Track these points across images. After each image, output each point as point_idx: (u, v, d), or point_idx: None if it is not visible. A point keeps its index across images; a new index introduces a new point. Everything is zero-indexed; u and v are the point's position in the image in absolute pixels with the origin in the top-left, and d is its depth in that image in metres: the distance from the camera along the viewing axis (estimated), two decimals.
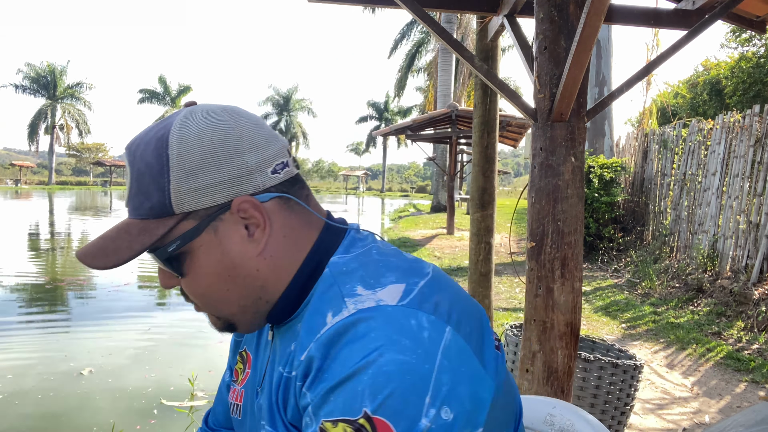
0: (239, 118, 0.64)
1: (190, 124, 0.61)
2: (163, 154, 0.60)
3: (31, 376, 3.73)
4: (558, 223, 1.81)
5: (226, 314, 0.67)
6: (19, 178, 49.92)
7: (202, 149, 0.60)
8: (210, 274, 0.63)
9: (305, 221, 0.67)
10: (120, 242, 0.61)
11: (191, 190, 0.60)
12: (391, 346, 0.52)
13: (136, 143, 0.63)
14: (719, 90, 13.29)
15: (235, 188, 0.61)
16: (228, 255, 0.63)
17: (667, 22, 2.65)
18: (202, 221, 0.61)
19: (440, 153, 18.50)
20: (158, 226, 0.61)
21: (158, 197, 0.60)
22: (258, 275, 0.64)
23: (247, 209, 0.61)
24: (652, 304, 5.53)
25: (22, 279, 7.00)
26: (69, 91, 47.32)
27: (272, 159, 0.64)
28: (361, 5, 2.91)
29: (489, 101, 3.37)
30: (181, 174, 0.60)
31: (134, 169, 0.62)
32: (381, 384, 0.50)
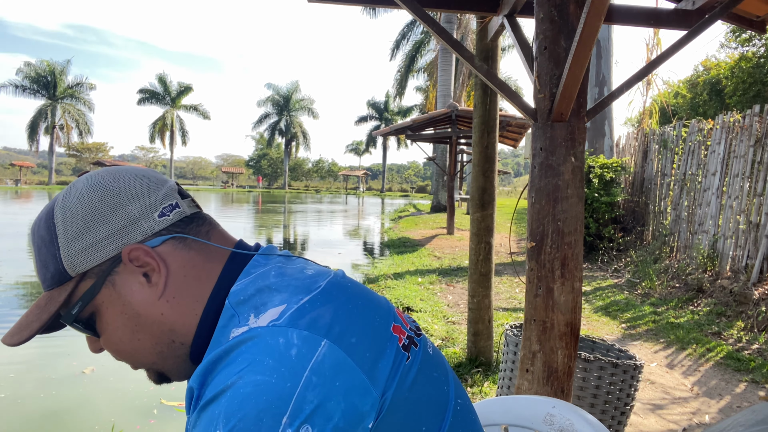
0: (119, 175, 0.67)
1: (73, 191, 0.65)
2: (50, 224, 0.64)
3: (34, 375, 3.74)
4: (558, 223, 1.81)
5: (148, 364, 0.68)
6: (19, 178, 49.94)
7: (83, 210, 0.63)
8: (118, 328, 0.65)
9: (207, 256, 0.67)
10: (32, 316, 0.64)
11: (79, 251, 0.62)
12: (251, 368, 0.52)
13: (34, 223, 0.67)
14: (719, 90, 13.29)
15: (122, 239, 0.63)
16: (130, 305, 0.64)
17: (667, 22, 2.65)
18: (98, 278, 0.63)
19: (440, 153, 18.50)
20: (60, 293, 0.63)
21: (54, 265, 0.63)
22: (164, 319, 0.64)
23: (138, 256, 0.63)
24: (652, 304, 5.53)
25: (24, 279, 7.00)
26: (69, 91, 47.30)
27: (157, 204, 0.66)
28: (361, 5, 2.91)
29: (489, 101, 3.37)
30: (67, 238, 0.63)
31: (35, 247, 0.65)
32: (235, 407, 0.50)
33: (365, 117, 56.77)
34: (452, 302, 5.60)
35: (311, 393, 0.52)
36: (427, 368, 0.65)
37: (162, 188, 0.68)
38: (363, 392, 0.55)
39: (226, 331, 0.60)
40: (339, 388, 0.54)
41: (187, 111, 53.67)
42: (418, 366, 0.64)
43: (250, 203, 30.24)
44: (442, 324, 4.68)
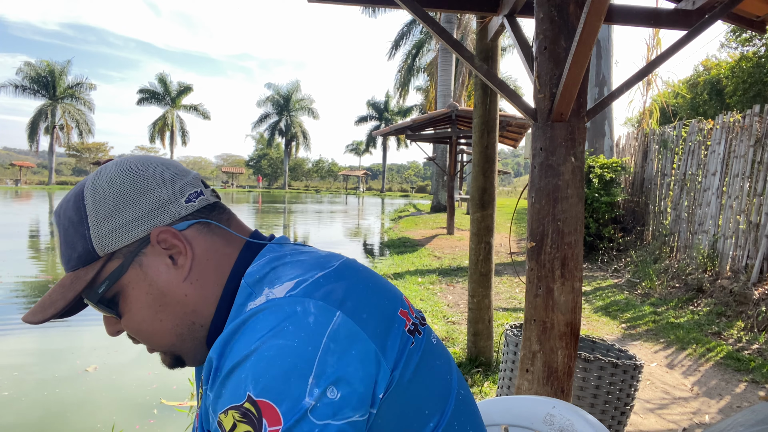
0: (148, 162, 0.70)
1: (102, 175, 0.67)
2: (80, 205, 0.66)
3: (37, 373, 3.76)
4: (558, 223, 1.81)
5: (167, 346, 0.69)
6: (19, 178, 49.95)
7: (114, 192, 0.65)
8: (142, 308, 0.66)
9: (227, 242, 0.70)
10: (55, 295, 0.65)
11: (109, 231, 0.65)
12: (274, 333, 0.55)
13: (60, 206, 0.69)
14: (719, 90, 13.29)
15: (151, 221, 0.66)
16: (155, 285, 0.66)
17: (667, 22, 2.65)
18: (126, 258, 0.65)
19: (440, 153, 18.50)
20: (87, 272, 0.65)
21: (83, 245, 0.65)
22: (187, 300, 0.67)
23: (166, 239, 0.66)
24: (652, 304, 5.53)
25: (26, 279, 7.00)
26: (69, 91, 47.28)
27: (184, 190, 0.69)
28: (361, 5, 2.91)
29: (489, 101, 3.37)
30: (97, 219, 0.65)
31: (60, 228, 0.67)
32: (261, 369, 0.53)
33: (365, 117, 56.76)
34: (452, 302, 5.60)
35: (331, 358, 0.54)
36: (430, 356, 0.67)
37: (187, 176, 0.71)
38: (377, 362, 0.58)
39: (243, 308, 0.62)
40: (355, 356, 0.56)
41: (187, 111, 53.65)
42: (422, 352, 0.65)
43: (250, 203, 30.24)
44: (442, 324, 4.68)
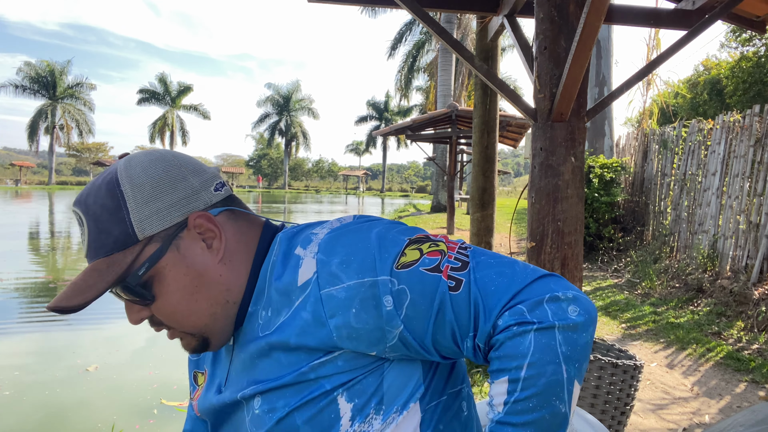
0: (175, 153, 0.74)
1: (134, 163, 0.70)
2: (116, 192, 0.67)
3: (38, 373, 3.76)
4: (558, 223, 1.81)
5: (199, 327, 0.72)
6: (19, 178, 49.93)
7: (150, 179, 0.68)
8: (179, 289, 0.69)
9: (249, 225, 0.76)
10: (91, 280, 0.65)
11: (149, 215, 0.67)
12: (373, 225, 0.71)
13: (85, 194, 0.69)
14: (719, 90, 13.29)
15: (187, 206, 0.69)
16: (193, 267, 0.69)
17: (667, 22, 2.65)
18: (164, 241, 0.68)
19: (440, 153, 18.49)
20: (125, 256, 0.67)
21: (120, 229, 0.66)
22: (222, 279, 0.71)
23: (202, 223, 0.70)
24: (652, 304, 5.53)
25: (30, 278, 7.00)
26: (69, 91, 47.27)
27: (212, 180, 0.74)
28: (361, 5, 2.91)
29: (489, 101, 3.37)
30: (137, 203, 0.67)
31: (90, 215, 0.68)
32: (394, 229, 0.70)
33: (365, 117, 56.74)
34: None
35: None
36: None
37: (210, 169, 0.76)
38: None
39: (286, 253, 0.71)
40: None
41: (187, 111, 53.64)
42: None
43: (250, 203, 30.25)
44: None
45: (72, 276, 7.24)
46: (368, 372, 0.67)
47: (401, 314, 0.63)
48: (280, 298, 0.69)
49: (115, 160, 0.74)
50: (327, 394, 0.65)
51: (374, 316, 0.63)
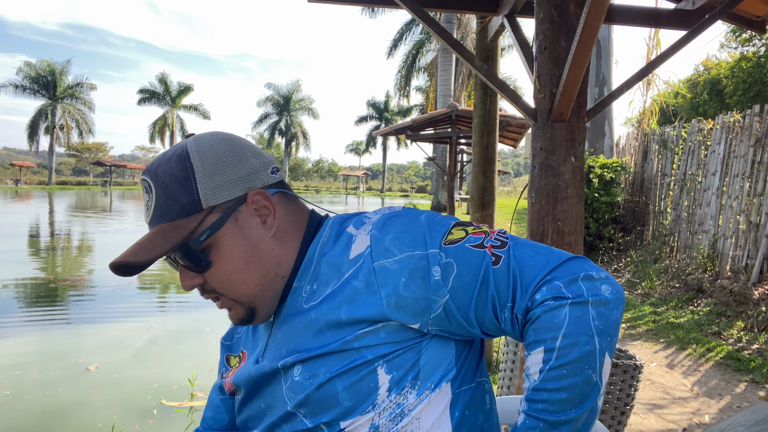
0: (237, 136, 0.80)
1: (202, 140, 0.76)
2: (186, 163, 0.73)
3: (38, 372, 3.77)
4: (558, 223, 1.81)
5: (249, 296, 0.77)
6: (19, 178, 49.92)
7: (217, 155, 0.74)
8: (234, 258, 0.74)
9: (298, 208, 0.83)
10: (157, 240, 0.70)
11: (215, 186, 0.73)
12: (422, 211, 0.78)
13: (156, 164, 0.75)
14: (719, 90, 13.29)
15: (247, 183, 0.76)
16: (248, 239, 0.75)
17: (667, 22, 2.64)
18: (224, 213, 0.73)
19: (440, 153, 18.49)
20: (189, 222, 0.72)
21: (188, 197, 0.72)
22: (273, 254, 0.77)
23: (259, 200, 0.76)
24: (652, 304, 5.53)
25: (33, 278, 7.01)
26: (69, 91, 47.25)
27: (269, 163, 0.80)
28: (361, 5, 2.91)
29: (489, 101, 3.37)
30: (205, 175, 0.73)
31: (159, 183, 0.73)
32: (439, 214, 0.77)
33: (365, 117, 56.72)
34: None
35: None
36: None
37: (267, 154, 0.81)
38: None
39: (338, 230, 0.78)
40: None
41: (188, 111, 53.61)
42: None
43: None
44: None
45: (71, 276, 7.24)
46: (408, 347, 0.71)
47: (448, 285, 0.68)
48: (329, 271, 0.74)
49: (114, 161, 0.75)
50: (368, 363, 0.69)
51: (422, 286, 0.68)
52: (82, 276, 7.35)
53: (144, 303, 6.03)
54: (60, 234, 12.75)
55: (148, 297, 6.36)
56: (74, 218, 17.22)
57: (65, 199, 28.87)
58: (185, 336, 4.80)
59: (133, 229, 14.27)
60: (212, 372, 3.78)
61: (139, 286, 6.83)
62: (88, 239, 11.98)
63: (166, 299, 6.30)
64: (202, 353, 4.31)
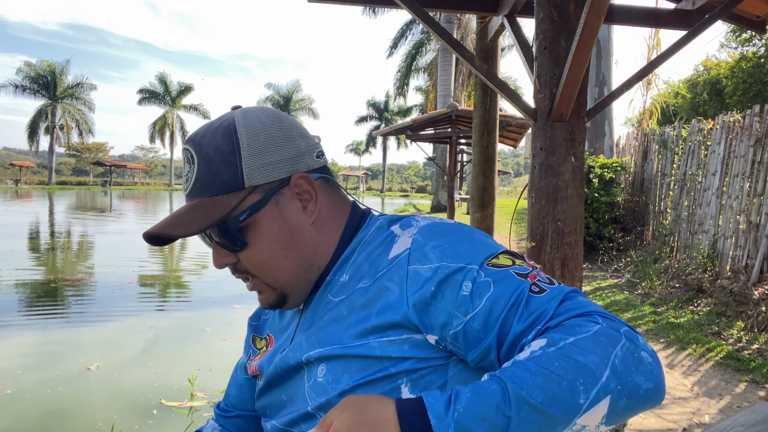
0: (285, 115, 0.77)
1: (251, 115, 0.72)
2: (233, 138, 0.70)
3: (39, 372, 3.77)
4: (558, 223, 1.81)
5: (282, 282, 0.74)
6: (19, 178, 49.93)
7: (265, 133, 0.71)
8: (272, 242, 0.72)
9: (341, 198, 0.79)
10: (195, 215, 0.68)
11: (259, 166, 0.70)
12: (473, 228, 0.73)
13: (200, 134, 0.72)
14: (719, 90, 13.29)
15: (292, 166, 0.72)
16: (288, 223, 0.72)
17: (667, 22, 2.64)
18: (266, 194, 0.70)
19: (440, 153, 18.49)
20: (230, 199, 0.69)
21: (231, 173, 0.69)
22: (311, 242, 0.74)
23: (302, 184, 0.73)
24: (652, 304, 5.53)
25: (34, 278, 7.01)
26: (69, 91, 47.26)
27: (315, 146, 0.77)
28: (361, 5, 2.91)
29: (489, 101, 3.37)
30: (251, 152, 0.70)
31: (202, 155, 0.70)
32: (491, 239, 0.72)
33: (365, 117, 56.71)
34: None
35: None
36: None
37: (313, 136, 0.78)
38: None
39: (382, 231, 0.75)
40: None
41: (188, 111, 53.63)
42: None
43: None
44: None
45: (72, 276, 7.24)
46: (433, 368, 0.66)
47: (476, 304, 0.62)
48: (366, 267, 0.72)
49: (114, 161, 0.74)
50: (391, 379, 0.65)
51: (449, 298, 0.64)
52: (83, 276, 7.35)
53: (144, 303, 6.03)
54: (60, 234, 12.75)
55: (148, 297, 6.36)
56: (74, 218, 17.21)
57: (65, 199, 28.87)
58: (185, 336, 4.80)
59: (133, 228, 14.27)
60: (212, 372, 3.78)
61: (139, 285, 6.83)
62: (88, 239, 11.98)
63: (167, 299, 6.30)
64: (203, 353, 4.30)
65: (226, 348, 4.39)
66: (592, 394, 0.53)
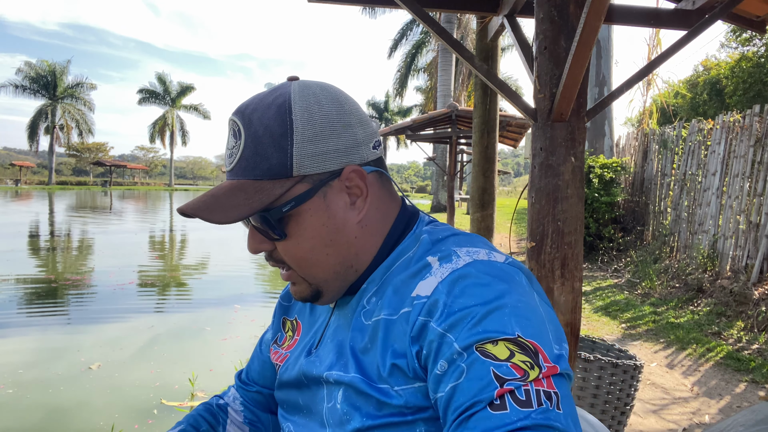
0: (347, 95, 0.69)
1: (310, 94, 0.65)
2: (286, 119, 0.63)
3: (41, 371, 3.78)
4: (558, 223, 1.81)
5: (319, 280, 0.69)
6: (19, 178, 49.95)
7: (322, 118, 0.64)
8: (314, 237, 0.66)
9: (391, 196, 0.72)
10: (236, 200, 0.62)
11: (312, 154, 0.63)
12: (516, 290, 0.59)
13: (251, 108, 0.65)
14: (719, 90, 13.29)
15: (346, 157, 0.65)
16: (333, 219, 0.66)
17: (667, 22, 2.65)
18: (314, 185, 0.64)
19: (440, 153, 18.50)
20: (275, 187, 0.63)
21: (279, 159, 0.63)
22: (355, 242, 0.68)
23: (353, 178, 0.66)
24: (652, 304, 5.53)
25: (35, 277, 7.01)
26: (69, 91, 47.28)
27: (373, 135, 0.69)
28: (360, 5, 2.91)
29: (489, 101, 3.37)
30: (304, 138, 0.63)
31: (250, 132, 0.64)
32: (524, 316, 0.57)
33: None
34: None
35: (557, 325, 0.62)
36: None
37: (373, 122, 0.70)
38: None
39: (422, 257, 0.66)
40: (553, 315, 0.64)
41: (187, 111, 53.65)
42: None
43: None
44: None
45: (72, 275, 7.24)
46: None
47: (442, 389, 0.56)
48: (392, 295, 0.65)
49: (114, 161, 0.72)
50: (409, 425, 0.61)
51: (429, 369, 0.59)
52: (84, 276, 7.35)
53: (145, 302, 6.03)
54: (60, 234, 12.75)
55: (149, 296, 6.36)
56: (74, 218, 17.22)
57: (65, 199, 28.87)
58: (186, 336, 4.80)
59: (134, 228, 14.27)
60: (212, 372, 3.78)
61: (141, 285, 6.83)
62: (88, 239, 11.99)
63: (168, 299, 6.30)
64: (203, 353, 4.31)
65: (227, 348, 4.39)
66: None
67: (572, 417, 0.53)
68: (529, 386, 0.52)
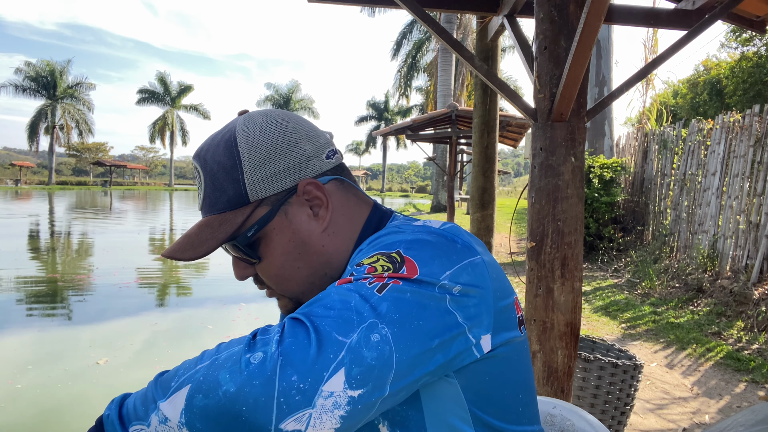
0: (290, 116, 0.73)
1: (252, 123, 0.69)
2: (233, 151, 0.67)
3: (50, 366, 3.83)
4: (558, 223, 1.81)
5: (296, 293, 0.72)
6: (19, 178, 49.95)
7: (266, 142, 0.68)
8: (283, 254, 0.70)
9: (358, 200, 0.75)
10: (204, 235, 0.67)
11: (263, 178, 0.67)
12: (427, 233, 0.62)
13: (205, 149, 0.70)
14: (719, 90, 13.29)
15: (298, 173, 0.69)
16: (298, 234, 0.69)
17: (667, 22, 2.65)
18: (274, 206, 0.68)
19: (440, 153, 18.50)
20: (236, 215, 0.68)
21: (234, 189, 0.67)
22: (324, 251, 0.71)
23: (311, 191, 0.69)
24: (652, 304, 5.53)
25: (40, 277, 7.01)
26: (69, 91, 47.27)
27: (324, 147, 0.72)
28: (360, 5, 2.91)
29: (489, 101, 3.37)
30: (252, 165, 0.67)
31: (207, 171, 0.69)
32: (417, 245, 0.59)
33: (365, 117, 56.71)
34: None
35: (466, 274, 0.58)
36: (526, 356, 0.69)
37: (324, 134, 0.74)
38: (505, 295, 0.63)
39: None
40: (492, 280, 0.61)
41: (187, 111, 53.65)
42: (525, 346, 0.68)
43: None
44: None
45: (79, 274, 7.25)
46: (405, 403, 0.60)
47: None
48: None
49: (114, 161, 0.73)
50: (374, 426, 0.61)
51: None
52: (89, 274, 7.37)
53: (149, 300, 6.04)
54: (64, 234, 12.76)
55: (153, 295, 6.37)
56: (75, 218, 17.22)
57: (66, 199, 28.88)
58: (190, 333, 4.83)
59: (132, 228, 14.27)
60: None
61: (144, 283, 6.83)
62: (91, 239, 12.00)
63: (168, 298, 6.31)
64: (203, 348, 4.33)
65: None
66: (181, 380, 0.52)
67: (392, 301, 0.53)
68: (369, 277, 0.56)
